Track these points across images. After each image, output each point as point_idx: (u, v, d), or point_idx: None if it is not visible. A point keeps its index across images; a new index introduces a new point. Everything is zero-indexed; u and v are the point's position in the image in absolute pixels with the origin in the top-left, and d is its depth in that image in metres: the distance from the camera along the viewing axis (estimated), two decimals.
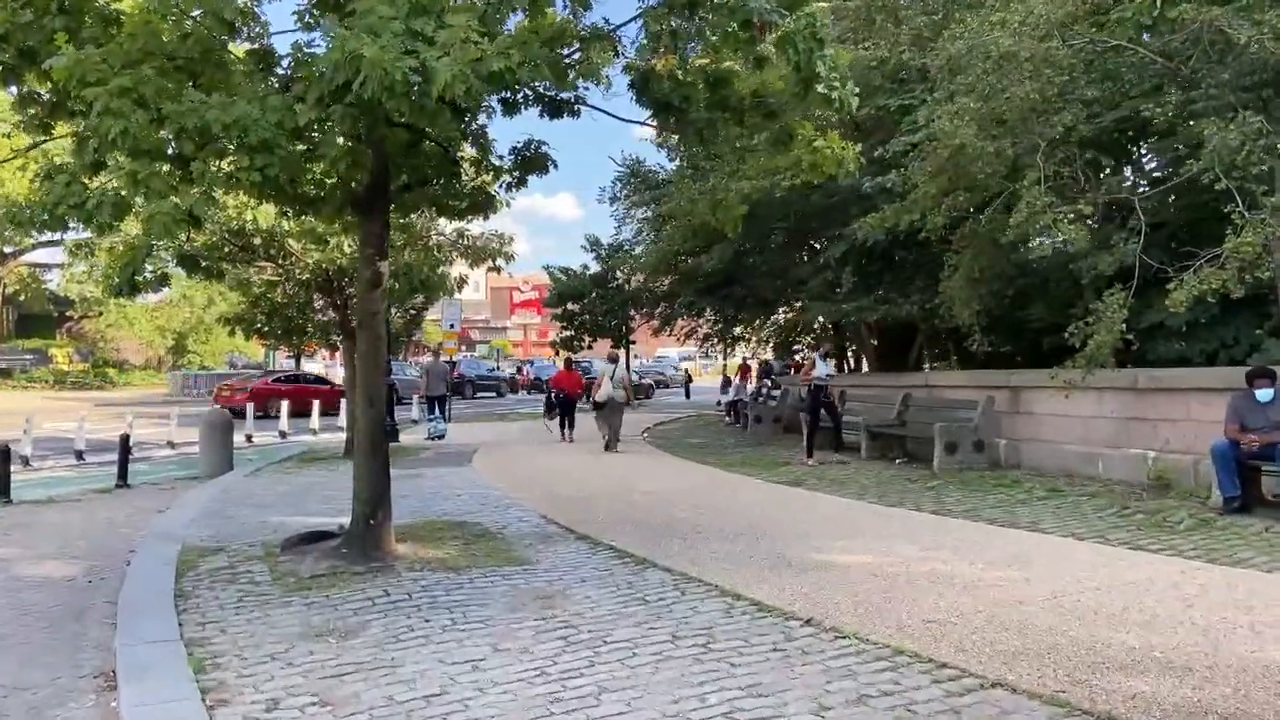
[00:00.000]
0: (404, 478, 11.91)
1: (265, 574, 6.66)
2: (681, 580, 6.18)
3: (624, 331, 35.47)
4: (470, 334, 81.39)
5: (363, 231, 7.25)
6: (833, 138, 7.37)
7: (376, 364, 7.27)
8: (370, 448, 7.15)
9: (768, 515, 8.68)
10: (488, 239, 16.82)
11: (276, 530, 8.36)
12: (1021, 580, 5.96)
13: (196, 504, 10.20)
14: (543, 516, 8.89)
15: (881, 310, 13.54)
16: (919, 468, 12.13)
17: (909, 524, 8.14)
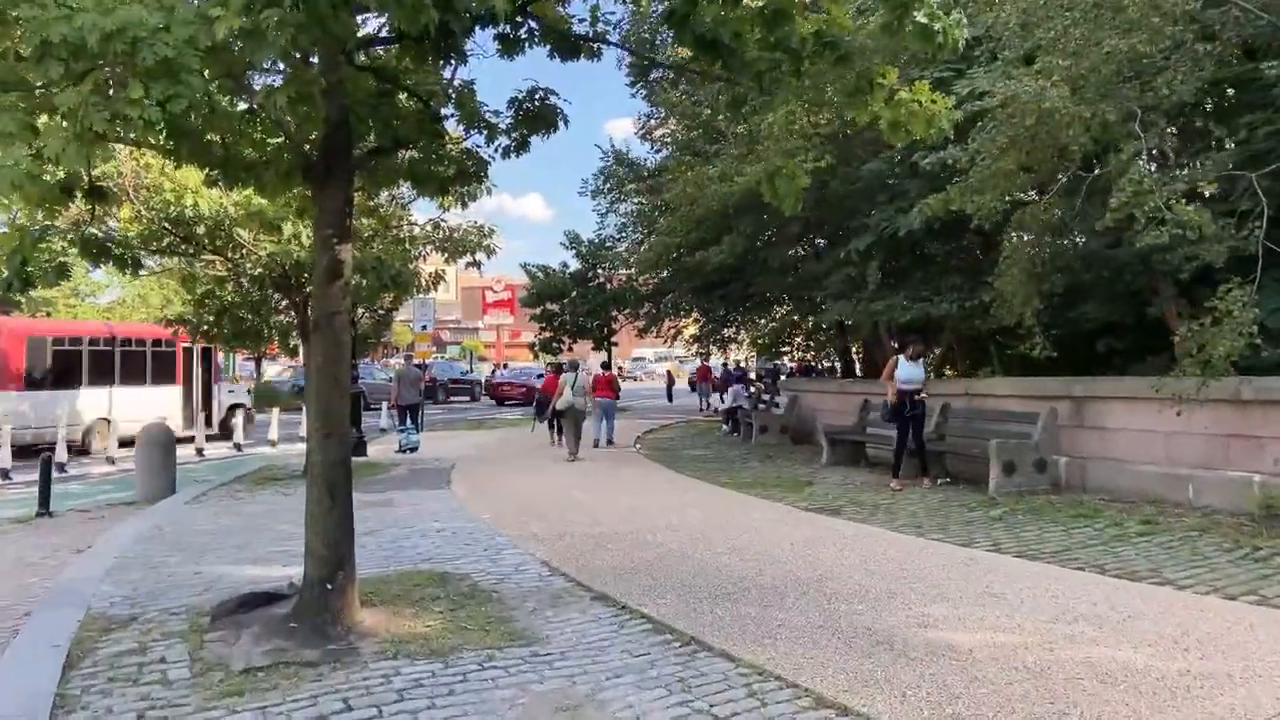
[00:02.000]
0: (371, 505, 10.21)
1: (184, 665, 4.94)
2: (752, 676, 4.54)
3: (606, 333, 33.81)
4: (441, 335, 79.26)
5: (318, 207, 5.55)
6: (920, 87, 5.77)
7: (336, 379, 5.56)
8: (328, 493, 5.44)
9: (824, 561, 7.07)
10: (467, 231, 15.11)
11: (210, 587, 6.64)
12: (1222, 676, 4.39)
13: (119, 545, 8.41)
14: (545, 563, 7.22)
15: (915, 310, 12.00)
16: (968, 489, 10.58)
17: (1002, 574, 6.55)
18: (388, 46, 5.82)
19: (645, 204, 22.70)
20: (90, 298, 43.45)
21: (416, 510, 10.04)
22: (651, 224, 20.93)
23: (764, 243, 16.55)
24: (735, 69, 5.43)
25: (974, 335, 13.12)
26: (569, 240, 33.17)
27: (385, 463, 15.16)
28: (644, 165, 25.83)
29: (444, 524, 9.09)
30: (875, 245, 12.49)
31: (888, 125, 5.87)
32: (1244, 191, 7.68)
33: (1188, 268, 7.96)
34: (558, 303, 33.55)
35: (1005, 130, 8.15)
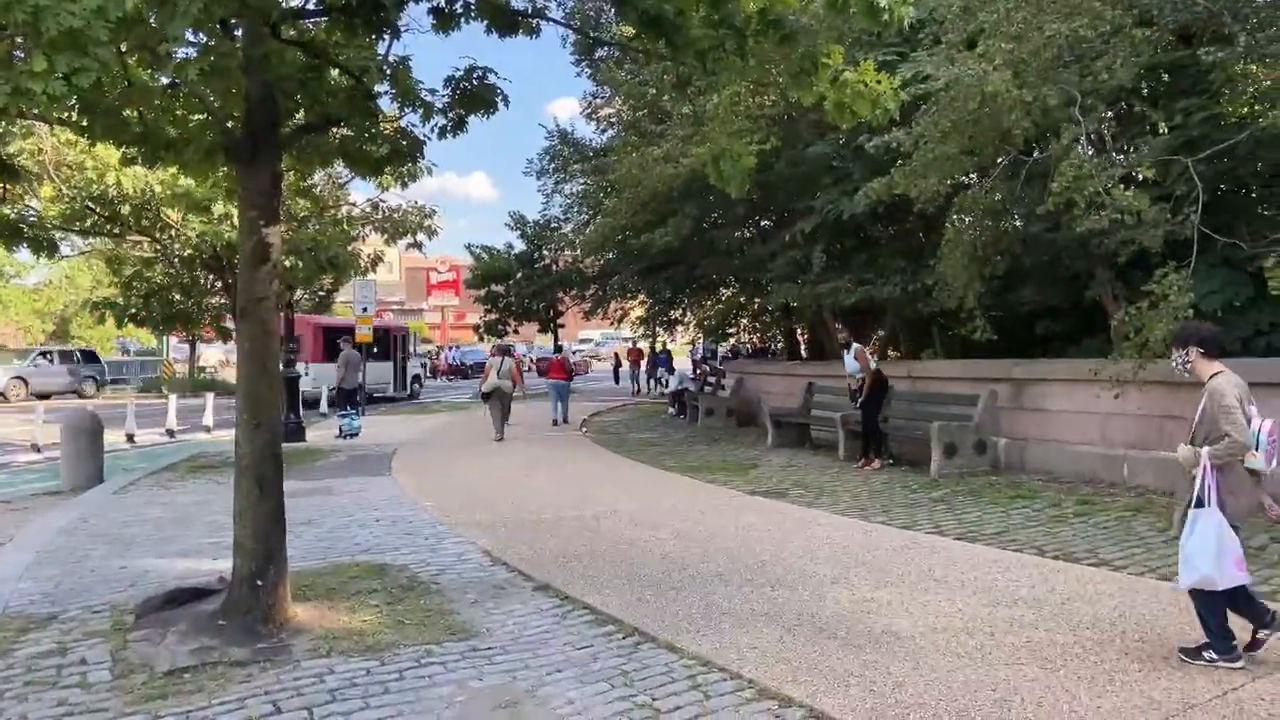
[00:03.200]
0: (309, 494, 9.96)
1: (106, 666, 4.72)
2: (696, 667, 4.47)
3: (552, 314, 33.56)
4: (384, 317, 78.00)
5: (243, 187, 5.30)
6: (865, 68, 5.70)
7: (264, 367, 5.34)
8: (257, 484, 5.23)
9: (769, 547, 7.05)
10: (406, 211, 14.81)
11: (136, 582, 6.38)
12: (1159, 659, 4.44)
13: (41, 538, 8.06)
14: (487, 553, 7.08)
15: (859, 293, 12.04)
16: (910, 471, 10.68)
17: (944, 557, 6.59)
18: (316, 20, 5.58)
19: (591, 185, 22.45)
20: (15, 279, 41.80)
21: (356, 499, 9.80)
22: (597, 205, 20.71)
23: (710, 225, 16.46)
24: (678, 47, 5.30)
25: (917, 318, 13.22)
26: (514, 221, 32.80)
27: (325, 449, 14.81)
28: (590, 145, 25.53)
29: (384, 513, 8.89)
30: (820, 228, 12.49)
31: (832, 106, 5.80)
32: (1179, 176, 7.79)
33: (1125, 252, 8.07)
34: (503, 284, 33.18)
35: (948, 114, 8.16)
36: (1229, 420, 4.25)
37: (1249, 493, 4.39)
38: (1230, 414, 4.25)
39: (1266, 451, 4.30)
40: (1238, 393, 4.34)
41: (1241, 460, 4.29)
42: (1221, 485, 4.27)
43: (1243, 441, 4.23)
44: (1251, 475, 4.37)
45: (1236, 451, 4.25)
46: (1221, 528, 4.21)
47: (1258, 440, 4.30)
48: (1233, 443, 4.24)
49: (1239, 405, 4.29)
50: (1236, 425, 4.22)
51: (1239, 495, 4.34)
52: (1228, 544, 4.19)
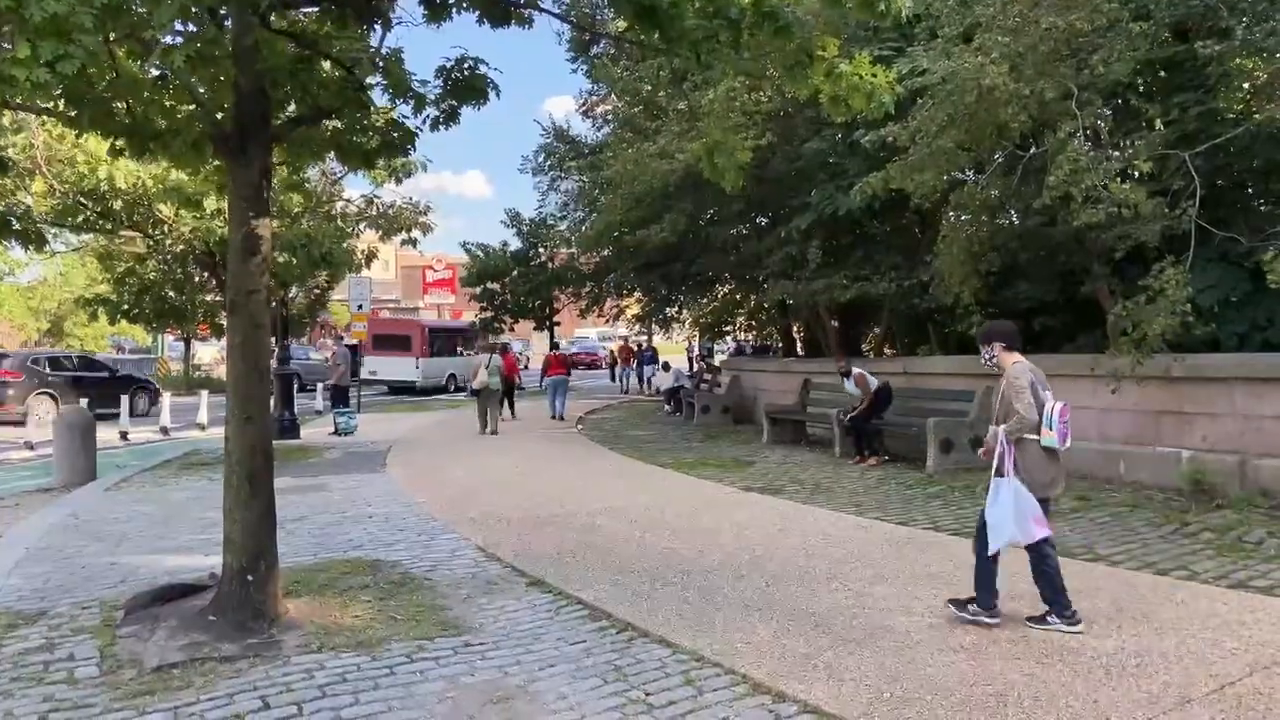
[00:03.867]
0: (303, 490, 9.91)
1: (94, 662, 4.67)
2: (690, 663, 4.44)
3: (548, 312, 33.48)
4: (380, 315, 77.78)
5: (233, 180, 5.25)
6: (861, 61, 5.66)
7: (255, 362, 5.29)
8: (248, 482, 5.18)
9: (764, 543, 7.01)
10: (400, 208, 14.75)
11: (126, 579, 6.33)
12: (1156, 654, 4.41)
13: (32, 534, 8.00)
14: (480, 549, 7.04)
15: (855, 289, 12.01)
16: (905, 467, 10.66)
17: (939, 553, 6.57)
18: (307, 10, 5.53)
19: (586, 182, 22.38)
20: (9, 277, 41.60)
21: (350, 495, 9.75)
22: (593, 202, 20.65)
23: (705, 221, 16.41)
24: (672, 39, 5.25)
25: (913, 314, 13.20)
26: (509, 219, 32.68)
27: (319, 446, 14.75)
28: (585, 142, 25.44)
29: (377, 509, 8.84)
30: (816, 224, 12.46)
31: (828, 100, 5.77)
32: (1176, 170, 7.76)
33: (1121, 246, 8.04)
34: (499, 282, 33.06)
35: (945, 108, 8.12)
36: (1020, 400, 4.79)
37: (1045, 468, 4.86)
38: (1021, 395, 4.80)
39: (1059, 431, 4.77)
40: (1031, 378, 4.87)
41: (1037, 439, 4.78)
42: (1019, 461, 4.79)
43: (1029, 418, 4.75)
44: (1049, 454, 4.84)
45: (1024, 427, 4.77)
46: (1018, 491, 4.71)
47: (1051, 421, 4.76)
48: (1021, 419, 4.76)
49: (1030, 389, 4.80)
50: (1025, 404, 4.76)
51: (1035, 471, 4.82)
52: (1025, 506, 4.70)
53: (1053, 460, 4.89)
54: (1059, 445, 4.80)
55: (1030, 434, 4.81)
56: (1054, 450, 4.83)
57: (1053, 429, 4.76)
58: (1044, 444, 4.81)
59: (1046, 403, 4.82)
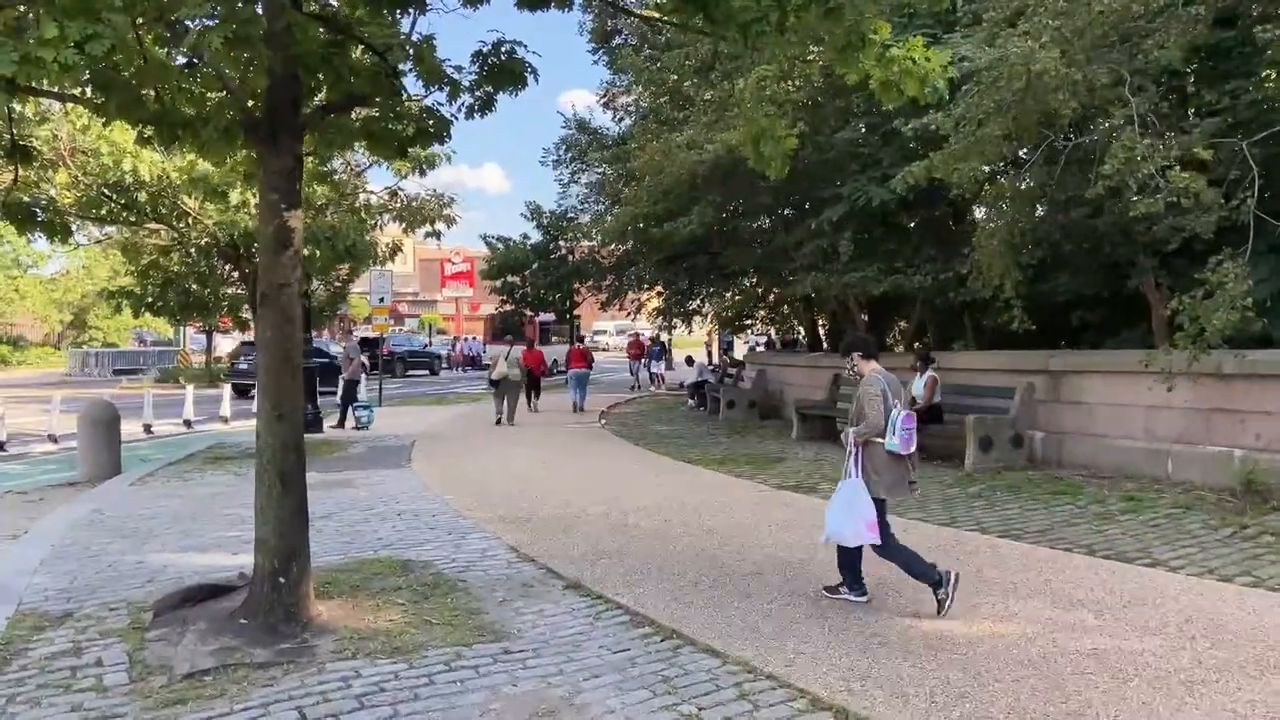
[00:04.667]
0: (329, 486, 9.78)
1: (123, 667, 4.52)
2: (742, 674, 4.23)
3: (568, 305, 33.33)
4: (399, 308, 78.02)
5: (264, 169, 5.07)
6: (914, 43, 5.41)
7: (286, 357, 5.12)
8: (279, 481, 5.02)
9: (806, 543, 6.80)
10: (425, 200, 14.57)
11: (154, 578, 6.20)
12: (1236, 667, 4.17)
13: (56, 531, 7.90)
14: (513, 549, 6.86)
15: (888, 282, 11.74)
16: (941, 466, 10.40)
17: (990, 556, 6.34)
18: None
19: (609, 173, 22.14)
20: (33, 269, 41.91)
21: (376, 492, 9.61)
22: (616, 194, 20.42)
23: (732, 214, 16.14)
24: (718, 20, 5.03)
25: (948, 308, 12.91)
26: (530, 211, 32.48)
27: (343, 440, 14.65)
28: (607, 134, 25.19)
29: (405, 506, 8.69)
30: (848, 216, 12.18)
31: (879, 85, 5.52)
32: (1233, 159, 7.46)
33: (1175, 238, 7.75)
34: (518, 275, 32.93)
35: (991, 94, 7.85)
36: (870, 406, 5.15)
37: (891, 471, 5.17)
38: (873, 401, 5.15)
39: (902, 437, 5.06)
40: (883, 386, 5.18)
41: (884, 443, 5.09)
42: (867, 463, 5.17)
43: (876, 423, 5.09)
44: (893, 458, 5.14)
45: (871, 431, 5.12)
46: (857, 494, 5.11)
47: (895, 427, 5.06)
48: (869, 423, 5.13)
49: (881, 396, 5.11)
50: (874, 410, 5.10)
51: (881, 473, 5.15)
52: (861, 509, 5.06)
53: (897, 464, 5.18)
54: (901, 450, 5.08)
55: (878, 438, 5.12)
56: (898, 454, 5.12)
57: (896, 435, 5.05)
58: (888, 448, 5.09)
59: (893, 410, 5.09)
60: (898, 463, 5.18)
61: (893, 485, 5.23)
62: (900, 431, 5.05)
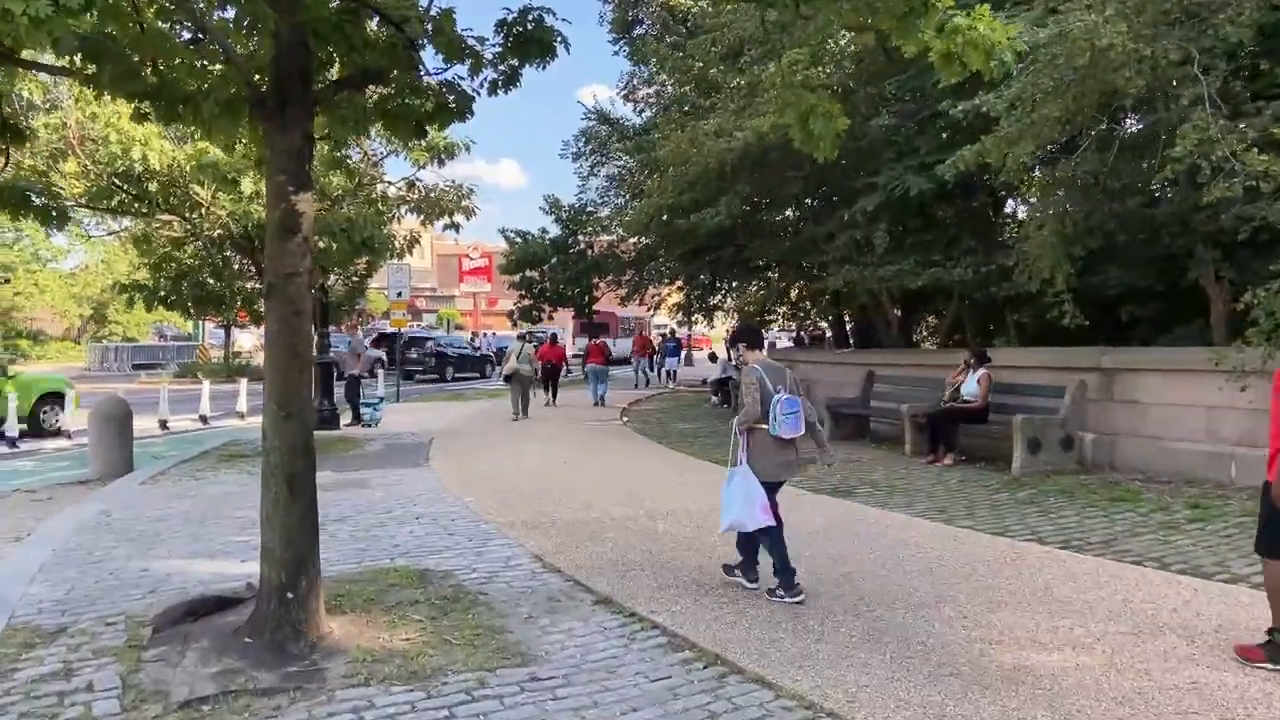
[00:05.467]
0: (343, 487, 9.41)
1: (114, 694, 4.13)
2: (798, 710, 3.78)
3: (587, 300, 32.91)
4: (417, 303, 77.87)
5: (271, 149, 4.66)
6: (980, 12, 4.93)
7: (295, 352, 4.71)
8: (287, 486, 4.61)
9: (851, 554, 6.35)
10: (443, 191, 14.17)
11: (157, 588, 5.82)
12: None
13: (61, 533, 7.55)
14: (537, 558, 6.43)
15: (926, 276, 11.22)
16: (985, 468, 9.90)
17: (1056, 570, 5.86)
18: None
19: (631, 165, 21.65)
20: (51, 263, 41.90)
21: (392, 492, 9.22)
22: (637, 186, 19.96)
23: (760, 205, 15.63)
24: None
25: (989, 302, 12.37)
26: (549, 205, 32.10)
27: (359, 438, 14.30)
28: (629, 125, 24.71)
29: (422, 509, 8.28)
30: (883, 206, 11.67)
31: (939, 57, 5.02)
32: None
33: (1243, 228, 7.22)
34: (537, 269, 32.55)
35: (1050, 72, 7.34)
36: (747, 395, 5.33)
37: (774, 455, 5.31)
38: (749, 390, 5.33)
39: (784, 422, 5.20)
40: (759, 375, 5.33)
41: (767, 429, 5.23)
42: (751, 449, 5.31)
43: (752, 410, 5.27)
44: (778, 442, 5.28)
45: (748, 418, 5.30)
46: (748, 480, 5.25)
47: (774, 412, 5.21)
48: (745, 411, 5.32)
49: (757, 384, 5.29)
50: (749, 398, 5.30)
51: (763, 457, 5.31)
52: (754, 494, 5.21)
53: (782, 448, 5.34)
54: (784, 434, 5.23)
55: (761, 424, 5.27)
56: (783, 439, 5.27)
57: (778, 420, 5.21)
58: (772, 433, 5.24)
59: (774, 396, 5.24)
60: (783, 447, 5.33)
61: (778, 469, 5.38)
62: (782, 417, 5.21)
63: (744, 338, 5.92)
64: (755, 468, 5.28)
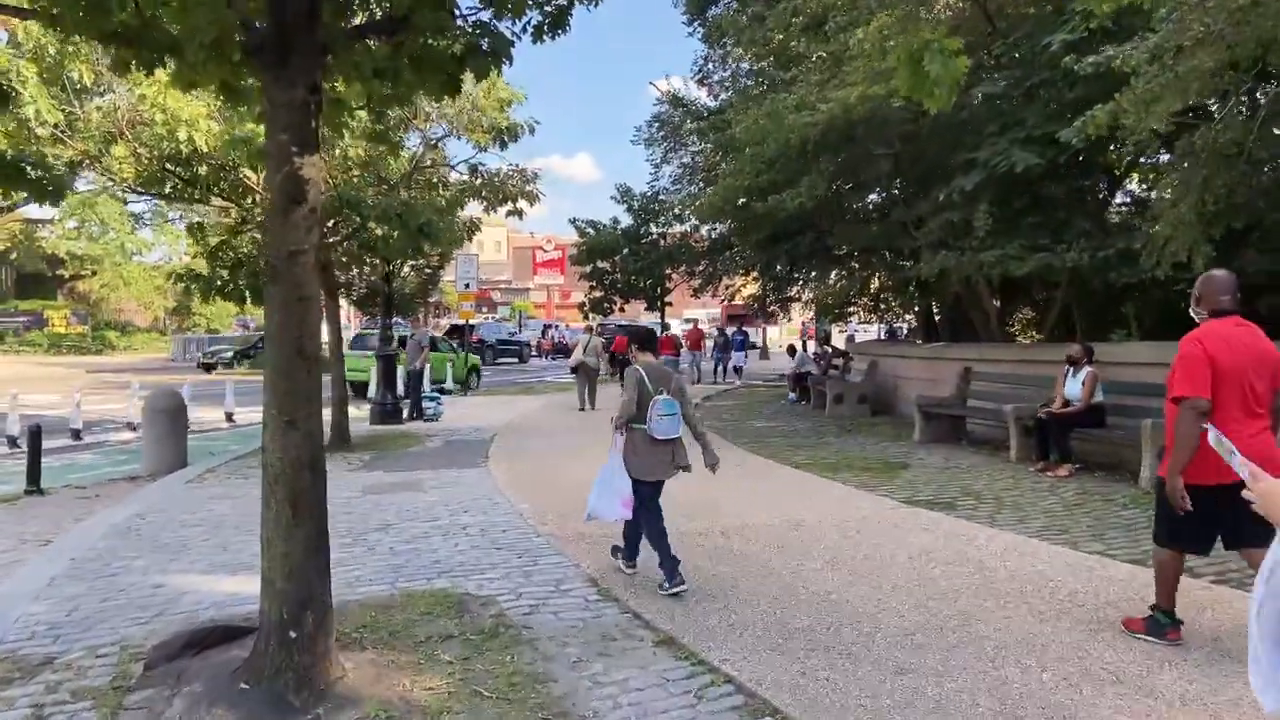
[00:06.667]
0: (394, 489, 8.82)
1: None
2: None
3: (659, 292, 32.05)
4: (491, 295, 78.29)
5: (270, 104, 3.91)
6: None
7: (299, 347, 3.96)
8: (289, 506, 3.88)
9: (962, 586, 5.36)
10: (507, 175, 13.47)
11: (165, 609, 5.19)
12: None
13: (86, 541, 7.03)
14: (592, 580, 5.61)
15: (1033, 261, 10.03)
16: (1105, 479, 8.74)
17: (1223, 613, 4.79)
18: None
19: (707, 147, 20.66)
20: (137, 256, 42.89)
21: (444, 496, 8.53)
22: (712, 168, 18.98)
23: (842, 189, 14.47)
24: None
25: (1102, 291, 11.09)
26: (620, 194, 31.31)
27: (419, 433, 13.73)
28: (703, 108, 23.69)
29: (472, 518, 7.54)
30: (984, 185, 10.49)
31: None
32: None
33: None
34: (608, 260, 31.81)
35: (1199, 17, 6.19)
36: (626, 394, 5.52)
37: (649, 455, 5.46)
38: (627, 388, 5.54)
39: (656, 424, 5.39)
40: (640, 375, 5.51)
41: (644, 428, 5.40)
42: (628, 446, 5.46)
43: (627, 409, 5.45)
44: (653, 442, 5.42)
45: (622, 415, 5.49)
46: (613, 474, 5.46)
47: (651, 413, 5.39)
48: (621, 409, 5.50)
49: (636, 384, 5.47)
50: (627, 396, 5.48)
51: (638, 455, 5.46)
52: (616, 486, 5.43)
53: (655, 448, 5.46)
54: (657, 435, 5.39)
55: (638, 424, 5.44)
56: (657, 439, 5.41)
57: (652, 421, 5.39)
58: (647, 432, 5.42)
59: (654, 397, 5.43)
60: (656, 447, 5.45)
61: (650, 468, 5.49)
62: (657, 418, 5.39)
63: (636, 339, 6.17)
64: (629, 465, 5.45)
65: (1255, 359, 4.19)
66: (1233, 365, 4.13)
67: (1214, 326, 4.27)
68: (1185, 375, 4.16)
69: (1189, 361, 4.17)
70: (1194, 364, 4.14)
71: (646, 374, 5.52)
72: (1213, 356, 4.13)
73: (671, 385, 5.57)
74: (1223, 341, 4.18)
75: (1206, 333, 4.25)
